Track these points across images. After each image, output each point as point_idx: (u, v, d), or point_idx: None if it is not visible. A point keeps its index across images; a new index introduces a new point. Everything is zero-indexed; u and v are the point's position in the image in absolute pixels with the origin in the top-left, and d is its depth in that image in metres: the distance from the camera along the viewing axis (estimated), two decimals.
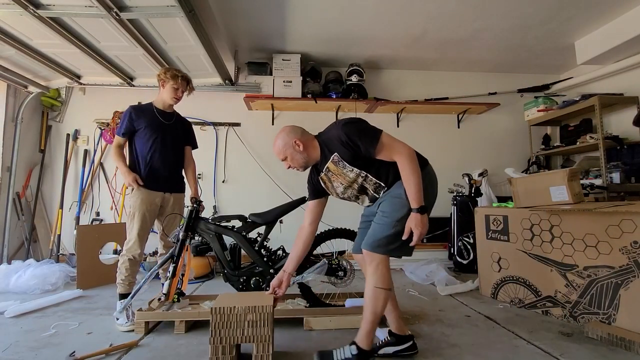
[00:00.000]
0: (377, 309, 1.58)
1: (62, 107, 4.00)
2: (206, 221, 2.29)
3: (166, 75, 2.27)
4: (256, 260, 2.24)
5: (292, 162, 1.74)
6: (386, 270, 1.59)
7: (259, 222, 2.28)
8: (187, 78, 2.35)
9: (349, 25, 3.24)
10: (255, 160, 4.04)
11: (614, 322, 1.93)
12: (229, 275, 2.25)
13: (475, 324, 2.19)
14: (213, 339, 1.56)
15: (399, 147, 1.58)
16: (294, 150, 1.70)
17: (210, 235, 2.26)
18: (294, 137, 1.70)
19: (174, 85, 2.27)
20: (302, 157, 1.72)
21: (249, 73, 3.87)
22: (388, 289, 1.59)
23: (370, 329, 1.59)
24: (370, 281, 1.60)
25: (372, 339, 1.61)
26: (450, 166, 4.18)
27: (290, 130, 1.74)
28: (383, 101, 3.96)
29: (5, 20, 2.50)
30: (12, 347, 1.85)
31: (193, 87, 2.43)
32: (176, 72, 2.28)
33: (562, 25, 3.24)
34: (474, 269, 3.19)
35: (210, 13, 2.83)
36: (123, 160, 2.27)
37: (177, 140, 2.42)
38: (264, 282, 2.21)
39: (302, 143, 1.69)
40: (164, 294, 2.12)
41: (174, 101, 2.34)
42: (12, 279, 2.94)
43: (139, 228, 2.21)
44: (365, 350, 1.59)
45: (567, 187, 2.28)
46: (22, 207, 3.71)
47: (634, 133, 3.39)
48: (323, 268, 2.13)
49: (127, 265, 2.20)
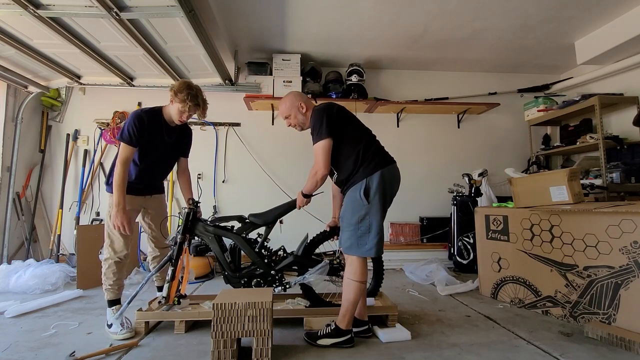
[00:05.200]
0: (350, 296, 1.82)
1: (62, 107, 4.00)
2: (204, 223, 2.25)
3: (177, 96, 2.05)
4: (256, 262, 2.20)
5: (293, 120, 2.03)
6: (359, 266, 1.82)
7: (259, 223, 2.25)
8: (198, 105, 2.10)
9: (349, 25, 3.24)
10: (255, 160, 4.04)
11: (614, 322, 1.93)
12: (229, 277, 2.22)
13: (475, 324, 2.19)
14: (215, 333, 1.62)
15: (318, 161, 1.84)
16: (297, 111, 2.00)
17: (209, 237, 2.23)
18: (300, 100, 2.02)
19: (180, 109, 2.07)
20: (303, 119, 2.02)
21: (249, 73, 3.87)
22: (360, 281, 1.82)
23: (345, 312, 1.84)
24: (346, 274, 1.86)
25: (348, 320, 1.84)
26: (450, 166, 4.19)
27: (297, 94, 2.09)
28: (383, 101, 3.96)
29: (5, 20, 2.50)
30: (12, 347, 1.85)
31: (205, 114, 2.18)
32: (186, 98, 2.03)
33: (562, 25, 3.24)
34: (474, 269, 3.19)
35: (210, 13, 2.83)
36: (123, 190, 1.98)
37: (174, 156, 2.32)
38: (265, 283, 2.19)
39: (305, 107, 2.01)
40: (164, 297, 2.09)
41: (179, 122, 2.15)
42: (12, 279, 2.94)
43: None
44: (341, 328, 1.84)
45: (567, 187, 2.28)
46: (22, 207, 3.71)
47: (634, 133, 3.39)
48: (325, 268, 2.14)
49: (114, 269, 2.07)
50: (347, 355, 1.75)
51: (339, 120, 1.88)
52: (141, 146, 2.06)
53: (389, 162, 1.88)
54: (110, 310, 2.05)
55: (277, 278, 2.20)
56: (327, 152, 1.82)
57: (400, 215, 4.04)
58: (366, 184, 1.79)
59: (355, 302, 1.83)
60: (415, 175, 4.14)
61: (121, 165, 1.98)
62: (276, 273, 2.19)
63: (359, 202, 1.79)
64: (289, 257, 2.21)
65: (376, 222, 1.79)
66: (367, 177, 1.79)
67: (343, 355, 1.76)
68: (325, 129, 1.82)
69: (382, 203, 1.80)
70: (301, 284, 2.18)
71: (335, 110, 1.91)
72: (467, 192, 3.73)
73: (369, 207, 1.78)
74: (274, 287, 2.18)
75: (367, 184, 1.79)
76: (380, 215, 1.81)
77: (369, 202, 1.78)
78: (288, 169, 4.04)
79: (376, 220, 1.79)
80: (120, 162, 1.99)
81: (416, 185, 4.13)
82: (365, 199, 1.77)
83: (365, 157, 1.83)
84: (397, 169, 1.92)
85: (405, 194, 1.83)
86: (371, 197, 1.78)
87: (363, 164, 1.82)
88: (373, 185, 1.78)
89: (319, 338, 1.85)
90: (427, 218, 4.02)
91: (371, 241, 1.79)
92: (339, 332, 1.83)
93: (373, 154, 1.85)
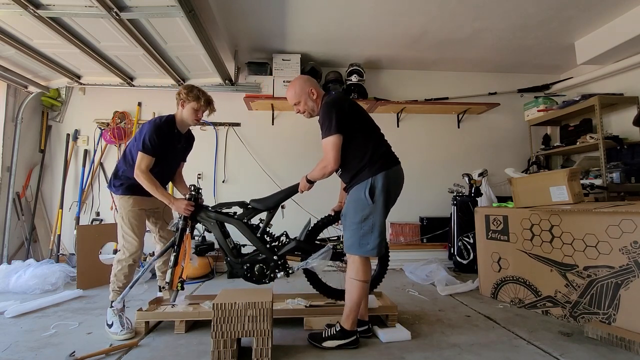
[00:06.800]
0: (353, 296, 1.81)
1: (62, 107, 4.00)
2: (206, 209, 2.23)
3: (188, 97, 2.10)
4: (259, 248, 2.17)
5: (304, 106, 1.95)
6: (361, 266, 1.80)
7: (260, 209, 2.21)
8: (210, 100, 2.21)
9: (349, 25, 3.24)
10: (255, 160, 4.04)
11: (614, 322, 1.93)
12: (232, 263, 2.19)
13: (475, 324, 2.19)
14: (215, 333, 1.62)
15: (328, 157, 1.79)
16: (308, 97, 1.93)
17: (211, 223, 2.20)
18: (311, 86, 1.94)
19: (195, 107, 2.12)
20: (313, 105, 1.94)
21: (249, 73, 3.87)
22: (363, 281, 1.80)
23: (349, 312, 1.82)
24: (348, 273, 1.84)
25: (352, 320, 1.82)
26: (450, 166, 4.19)
27: (307, 79, 1.99)
28: (383, 101, 3.96)
29: (5, 20, 2.50)
30: (12, 347, 1.85)
31: (215, 108, 2.27)
32: (199, 94, 2.12)
33: (562, 25, 3.24)
34: (474, 269, 3.19)
35: (210, 13, 2.84)
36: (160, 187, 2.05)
37: (180, 160, 2.38)
38: (268, 269, 2.16)
39: (316, 92, 1.93)
40: (167, 282, 2.07)
41: (195, 123, 2.20)
42: (12, 279, 2.94)
43: (137, 227, 2.12)
44: (346, 329, 1.81)
45: (567, 187, 2.29)
46: (22, 207, 3.71)
47: (634, 133, 3.39)
48: (328, 253, 2.08)
49: (126, 271, 2.08)
50: (347, 355, 1.75)
51: (350, 116, 1.82)
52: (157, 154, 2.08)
53: (395, 162, 1.86)
54: (111, 310, 2.04)
55: (279, 263, 2.16)
56: (338, 148, 1.78)
57: (400, 215, 4.03)
58: (371, 184, 1.76)
59: (358, 301, 1.82)
60: (415, 175, 4.13)
61: (144, 174, 2.03)
62: (279, 258, 2.16)
63: (363, 201, 1.77)
64: (292, 242, 2.18)
65: (379, 222, 1.77)
66: (372, 177, 1.77)
67: (343, 355, 1.76)
68: (335, 125, 1.76)
69: (385, 203, 1.79)
70: (304, 270, 2.15)
71: (347, 105, 1.85)
72: (467, 192, 3.73)
73: (373, 206, 1.76)
74: (277, 272, 2.16)
75: (373, 183, 1.77)
76: (383, 215, 1.79)
77: (373, 202, 1.76)
78: (288, 169, 4.04)
79: (379, 220, 1.77)
80: (142, 172, 2.02)
81: (416, 185, 4.12)
82: (370, 199, 1.75)
83: (372, 157, 1.80)
84: (402, 170, 1.91)
85: (405, 194, 1.82)
86: (376, 197, 1.76)
87: (370, 163, 1.79)
88: (378, 185, 1.76)
89: (323, 340, 1.83)
90: (427, 218, 4.02)
91: (374, 241, 1.77)
92: (345, 334, 1.81)
93: (380, 154, 1.83)
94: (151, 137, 2.02)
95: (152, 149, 2.03)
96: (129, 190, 2.15)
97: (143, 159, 2.03)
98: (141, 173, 2.02)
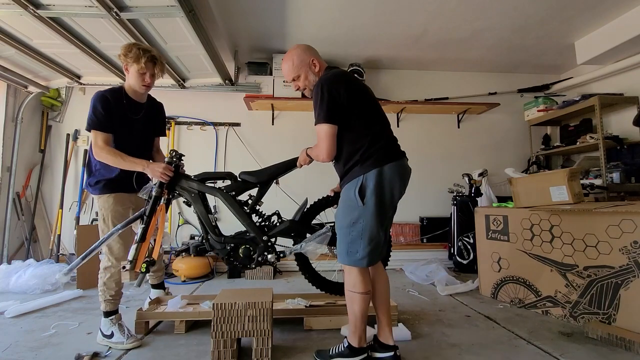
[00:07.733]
0: (354, 309, 1.60)
1: (62, 107, 4.00)
2: (188, 178, 1.96)
3: (127, 59, 1.82)
4: (246, 225, 1.93)
5: (304, 81, 1.67)
6: (357, 276, 1.58)
7: (252, 182, 1.99)
8: (155, 57, 1.87)
9: (349, 25, 3.24)
10: (255, 160, 4.03)
11: (614, 322, 1.93)
12: (212, 243, 1.94)
13: (475, 324, 2.19)
14: (215, 333, 1.62)
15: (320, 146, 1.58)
16: (309, 69, 1.64)
17: (192, 195, 1.92)
18: (312, 56, 1.64)
19: (139, 70, 1.84)
20: (314, 79, 1.63)
21: (249, 73, 3.87)
22: (361, 293, 1.58)
23: (354, 328, 1.62)
24: (345, 285, 1.63)
25: (359, 337, 1.62)
26: (450, 166, 4.19)
27: (307, 48, 1.67)
28: (383, 101, 3.96)
29: (5, 20, 2.50)
30: (12, 347, 1.85)
31: (163, 66, 1.95)
32: (139, 52, 1.81)
33: (562, 25, 3.24)
34: (474, 269, 3.19)
35: (210, 13, 2.83)
36: (125, 156, 1.80)
37: (145, 136, 2.06)
38: (255, 250, 1.93)
39: (319, 64, 1.63)
40: (130, 261, 1.70)
41: (144, 89, 1.92)
42: (12, 279, 2.95)
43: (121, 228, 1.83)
44: (354, 346, 1.61)
45: (567, 187, 2.28)
46: (22, 207, 3.71)
47: (634, 133, 3.39)
48: (325, 237, 1.86)
49: (116, 278, 1.85)
50: None
51: (348, 102, 1.56)
52: (114, 132, 1.85)
53: (395, 157, 1.60)
54: (108, 321, 1.87)
55: (269, 245, 1.95)
56: (332, 138, 1.55)
57: (400, 215, 3.99)
58: (362, 182, 1.52)
59: (362, 314, 1.60)
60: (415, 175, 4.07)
61: (104, 150, 1.78)
62: (268, 239, 1.94)
63: (352, 201, 1.54)
64: (285, 222, 1.98)
65: (370, 228, 1.53)
66: (364, 174, 1.52)
67: None
68: (325, 113, 1.52)
69: (379, 206, 1.53)
70: (296, 254, 1.97)
71: (344, 89, 1.55)
72: (467, 192, 3.73)
73: (363, 209, 1.52)
74: (266, 255, 1.95)
75: (364, 182, 1.52)
76: (376, 220, 1.53)
77: (363, 204, 1.52)
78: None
79: (370, 225, 1.53)
80: (101, 149, 1.78)
81: (416, 185, 4.10)
82: (360, 200, 1.52)
83: (367, 151, 1.55)
84: (405, 166, 1.65)
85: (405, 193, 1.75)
86: (367, 198, 1.52)
87: (363, 158, 1.55)
88: (370, 184, 1.52)
89: (331, 357, 1.64)
90: (427, 218, 4.01)
91: (363, 249, 1.53)
92: (353, 351, 1.61)
93: (378, 147, 1.56)
94: (95, 109, 1.81)
95: (99, 123, 1.80)
96: (108, 188, 1.90)
97: (97, 135, 1.81)
98: (100, 150, 1.79)
